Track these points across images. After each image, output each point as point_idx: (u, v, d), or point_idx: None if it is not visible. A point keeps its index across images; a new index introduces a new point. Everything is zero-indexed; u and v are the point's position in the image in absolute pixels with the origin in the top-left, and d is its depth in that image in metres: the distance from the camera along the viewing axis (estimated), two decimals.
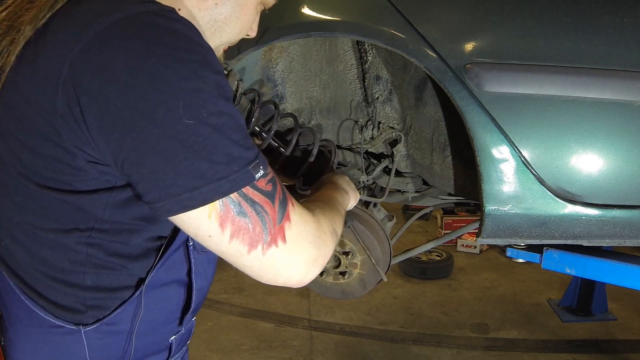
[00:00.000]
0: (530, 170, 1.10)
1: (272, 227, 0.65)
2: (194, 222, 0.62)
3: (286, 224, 0.67)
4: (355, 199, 1.10)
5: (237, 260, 0.66)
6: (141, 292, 0.74)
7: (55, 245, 0.70)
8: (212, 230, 0.62)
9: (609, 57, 1.06)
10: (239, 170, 0.61)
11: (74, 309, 0.72)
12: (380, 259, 1.47)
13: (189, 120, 0.58)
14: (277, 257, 0.66)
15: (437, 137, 1.41)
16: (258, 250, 0.65)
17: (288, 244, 0.67)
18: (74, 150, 0.63)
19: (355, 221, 1.46)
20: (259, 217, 0.64)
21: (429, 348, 3.33)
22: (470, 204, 1.77)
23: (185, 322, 0.85)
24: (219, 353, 3.22)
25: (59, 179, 0.66)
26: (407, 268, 4.47)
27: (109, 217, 0.69)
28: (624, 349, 3.31)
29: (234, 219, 0.62)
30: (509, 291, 4.23)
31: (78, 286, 0.71)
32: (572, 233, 1.15)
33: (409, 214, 5.49)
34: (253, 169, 0.63)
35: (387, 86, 1.47)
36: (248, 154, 0.63)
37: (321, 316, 3.75)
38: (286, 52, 1.44)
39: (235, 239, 0.63)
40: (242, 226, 0.63)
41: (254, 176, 0.63)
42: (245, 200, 0.63)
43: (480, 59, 1.08)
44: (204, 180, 0.60)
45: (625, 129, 1.08)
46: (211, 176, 0.60)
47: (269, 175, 0.66)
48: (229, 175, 0.61)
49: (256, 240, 0.64)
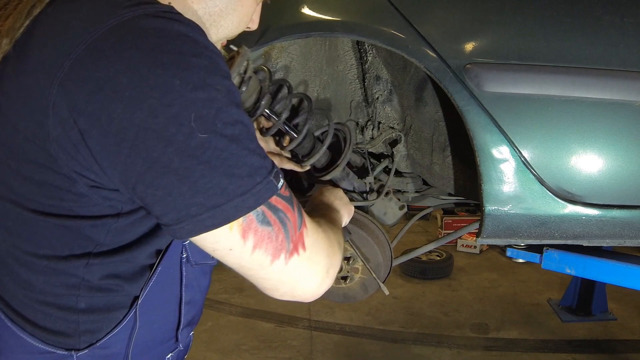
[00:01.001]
0: (530, 170, 1.10)
1: (293, 234, 0.62)
2: (213, 238, 0.58)
3: (304, 230, 0.65)
4: (349, 215, 1.06)
5: (257, 273, 0.62)
6: (135, 311, 0.69)
7: (48, 271, 0.65)
8: (234, 242, 0.58)
9: (609, 57, 1.06)
10: (262, 181, 0.58)
11: (65, 333, 0.67)
12: (382, 264, 1.47)
13: (202, 135, 0.54)
14: (298, 265, 0.63)
15: (437, 137, 1.40)
16: (281, 260, 0.61)
17: (308, 252, 0.64)
18: (74, 176, 0.58)
19: (355, 227, 1.46)
20: (282, 225, 0.61)
21: (429, 348, 3.32)
22: (470, 204, 1.77)
23: (182, 338, 0.80)
24: (219, 353, 3.22)
25: (58, 205, 0.61)
26: (407, 268, 4.47)
27: (110, 241, 0.65)
28: (624, 349, 3.31)
29: (257, 229, 0.59)
30: (509, 291, 4.22)
31: (71, 309, 0.67)
32: (572, 233, 1.15)
33: (409, 214, 5.49)
34: (275, 177, 0.59)
35: (387, 86, 1.47)
36: (267, 162, 0.59)
37: (321, 316, 3.75)
38: (286, 52, 1.44)
39: (258, 249, 0.59)
40: (266, 235, 0.60)
41: (277, 185, 0.59)
42: (269, 209, 0.60)
43: (480, 59, 1.08)
44: (226, 197, 0.55)
45: (625, 129, 1.08)
46: (233, 191, 0.55)
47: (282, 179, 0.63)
48: (253, 188, 0.57)
49: (279, 249, 0.61)
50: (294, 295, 0.66)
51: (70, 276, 0.65)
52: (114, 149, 0.54)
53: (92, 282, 0.66)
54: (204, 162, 0.54)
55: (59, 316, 0.67)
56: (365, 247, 1.46)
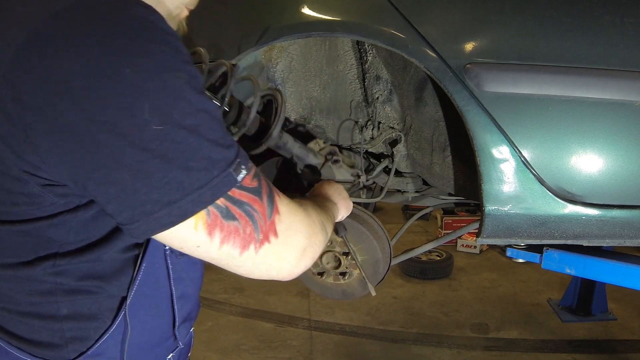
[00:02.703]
0: (530, 170, 1.10)
1: (263, 224, 0.60)
2: (178, 236, 0.56)
3: (276, 218, 0.62)
4: (347, 209, 1.05)
5: (228, 263, 0.61)
6: (124, 313, 0.66)
7: (16, 279, 0.62)
8: (200, 240, 0.56)
9: (609, 57, 1.06)
10: (220, 173, 0.55)
11: (52, 344, 0.64)
12: (380, 260, 1.47)
13: (158, 126, 0.50)
14: (269, 252, 0.61)
15: (437, 137, 1.40)
16: (250, 250, 0.60)
17: (280, 237, 0.62)
18: (24, 176, 0.54)
19: (354, 223, 1.46)
20: (249, 217, 0.59)
21: (429, 348, 3.32)
22: (470, 204, 1.77)
23: (181, 335, 0.78)
24: (219, 353, 3.22)
25: (11, 211, 0.58)
26: (407, 268, 4.47)
27: (74, 239, 0.62)
28: (624, 349, 3.31)
29: (222, 224, 0.56)
30: (509, 291, 4.22)
31: (53, 318, 0.64)
32: (572, 233, 1.15)
33: (409, 214, 5.49)
34: (235, 170, 0.56)
35: (387, 86, 1.47)
36: (229, 153, 0.56)
37: (321, 316, 3.75)
38: (286, 52, 1.44)
39: (225, 244, 0.57)
40: (232, 230, 0.57)
41: (237, 178, 0.57)
42: (232, 203, 0.57)
43: (480, 59, 1.08)
44: (182, 192, 0.52)
45: (625, 129, 1.08)
46: (189, 186, 0.53)
47: (252, 170, 0.60)
48: (210, 181, 0.54)
49: (248, 241, 0.59)
50: (270, 275, 0.65)
51: (41, 282, 0.62)
52: (62, 145, 0.50)
53: (68, 285, 0.63)
54: (159, 156, 0.51)
55: (42, 326, 0.64)
56: (364, 242, 1.46)
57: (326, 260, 1.54)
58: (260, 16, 1.25)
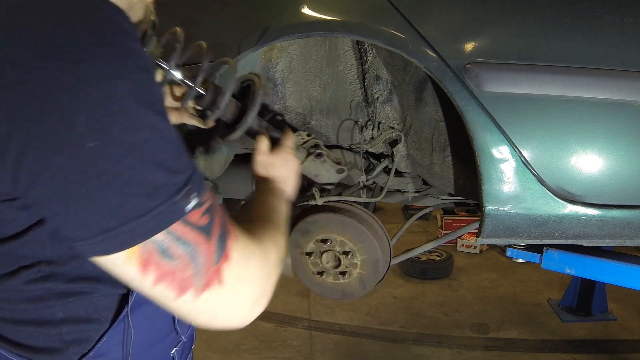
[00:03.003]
0: (530, 170, 1.10)
1: (206, 269, 0.52)
2: (108, 265, 0.50)
3: (224, 265, 0.54)
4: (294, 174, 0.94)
5: (165, 304, 0.53)
6: (126, 313, 0.64)
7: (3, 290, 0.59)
8: (131, 275, 0.50)
9: (609, 57, 1.06)
10: (164, 202, 0.47)
11: (52, 348, 0.62)
12: (380, 259, 1.47)
13: (92, 143, 0.44)
14: (211, 301, 0.53)
15: (437, 137, 1.41)
16: (188, 296, 0.52)
17: (226, 287, 0.54)
18: None
19: (354, 222, 1.46)
20: (191, 260, 0.51)
21: (429, 348, 3.32)
22: (470, 204, 1.77)
23: (183, 329, 0.76)
24: (219, 353, 3.22)
25: None
26: (407, 268, 4.47)
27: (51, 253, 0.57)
28: (624, 349, 3.31)
29: (158, 263, 0.49)
30: (509, 291, 4.22)
31: (49, 323, 0.61)
32: (572, 233, 1.15)
33: (409, 214, 5.49)
34: (183, 199, 0.49)
35: (387, 86, 1.47)
36: (177, 178, 0.49)
37: (321, 316, 3.75)
38: (286, 52, 1.44)
39: (160, 284, 0.50)
40: (169, 270, 0.50)
41: (184, 209, 0.49)
42: (173, 240, 0.49)
43: (480, 59, 1.08)
44: (117, 220, 0.46)
45: (625, 129, 1.08)
46: (126, 214, 0.46)
47: (206, 202, 0.52)
48: (151, 211, 0.47)
49: (186, 285, 0.51)
50: (215, 326, 0.57)
51: (30, 290, 0.59)
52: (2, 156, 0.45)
53: (58, 289, 0.60)
54: (92, 177, 0.45)
55: (40, 332, 0.61)
56: (364, 242, 1.46)
57: (326, 260, 1.54)
58: (260, 16, 1.25)
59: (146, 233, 0.48)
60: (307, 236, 1.53)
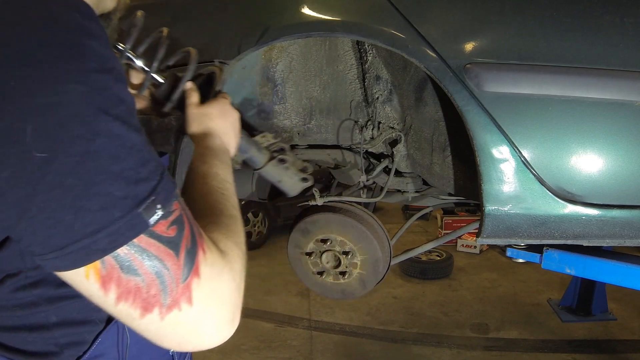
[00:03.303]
0: (530, 170, 1.10)
1: (174, 287, 0.48)
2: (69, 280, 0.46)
3: (194, 282, 0.49)
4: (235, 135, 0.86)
5: (130, 324, 0.49)
6: None
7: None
8: (93, 292, 0.46)
9: (609, 57, 1.06)
10: (123, 216, 0.44)
11: (48, 352, 0.60)
12: (380, 259, 1.47)
13: (40, 153, 0.40)
14: (180, 322, 0.49)
15: (437, 137, 1.41)
16: (154, 315, 0.48)
17: (196, 307, 0.49)
18: None
19: (354, 221, 1.46)
20: (156, 275, 0.46)
21: (429, 348, 3.32)
22: (470, 204, 1.77)
23: None
24: (219, 353, 3.22)
25: None
26: (407, 268, 4.47)
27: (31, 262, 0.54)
28: (624, 349, 3.31)
29: (120, 279, 0.45)
30: (509, 291, 4.22)
31: (44, 327, 0.59)
32: (572, 233, 1.15)
33: (409, 214, 5.50)
34: (146, 211, 0.45)
35: (387, 86, 1.47)
36: (139, 189, 0.45)
37: (321, 316, 3.75)
38: (286, 52, 1.44)
39: (123, 302, 0.46)
40: (132, 287, 0.46)
41: (148, 221, 0.45)
42: (136, 254, 0.45)
43: (480, 59, 1.08)
44: (71, 237, 0.43)
45: (625, 129, 1.08)
46: (79, 230, 0.42)
47: (174, 213, 0.48)
48: (108, 226, 0.43)
49: (151, 303, 0.47)
50: (185, 348, 0.52)
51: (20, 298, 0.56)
52: None
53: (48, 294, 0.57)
54: (42, 191, 0.41)
55: (35, 337, 0.59)
56: (364, 242, 1.46)
57: (326, 260, 1.54)
58: (260, 16, 1.25)
59: (103, 250, 0.44)
60: (307, 236, 1.54)
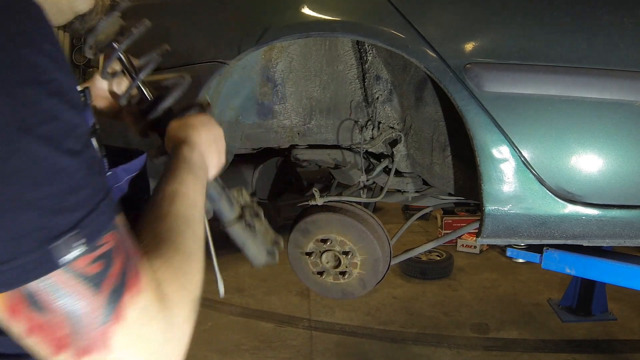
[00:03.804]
0: (530, 170, 1.10)
1: (89, 330, 0.42)
2: None
3: (115, 327, 0.43)
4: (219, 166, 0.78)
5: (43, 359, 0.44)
6: None
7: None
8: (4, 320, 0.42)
9: (609, 57, 1.06)
10: (32, 250, 0.39)
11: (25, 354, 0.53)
12: (380, 259, 1.47)
13: None
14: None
15: (437, 137, 1.41)
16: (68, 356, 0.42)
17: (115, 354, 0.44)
18: None
19: (354, 221, 1.46)
20: (67, 316, 0.41)
21: (429, 348, 3.32)
22: (470, 204, 1.77)
23: None
24: (219, 353, 3.21)
25: None
26: (407, 268, 4.47)
27: None
28: (624, 349, 3.31)
29: (28, 314, 0.41)
30: (509, 291, 4.22)
31: None
32: (572, 233, 1.15)
33: (409, 214, 5.49)
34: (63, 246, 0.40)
35: (387, 86, 1.47)
36: (57, 220, 0.40)
37: (321, 316, 3.75)
38: (286, 52, 1.44)
39: (33, 336, 0.42)
40: (41, 324, 0.41)
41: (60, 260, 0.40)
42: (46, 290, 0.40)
43: (480, 59, 1.08)
44: None
45: (625, 129, 1.08)
46: None
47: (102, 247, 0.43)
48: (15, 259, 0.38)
49: (62, 344, 0.42)
50: None
51: None
52: None
53: None
54: None
55: None
56: (364, 242, 1.46)
57: (326, 260, 1.54)
58: (260, 16, 1.25)
59: (7, 284, 0.39)
60: (307, 236, 1.54)
